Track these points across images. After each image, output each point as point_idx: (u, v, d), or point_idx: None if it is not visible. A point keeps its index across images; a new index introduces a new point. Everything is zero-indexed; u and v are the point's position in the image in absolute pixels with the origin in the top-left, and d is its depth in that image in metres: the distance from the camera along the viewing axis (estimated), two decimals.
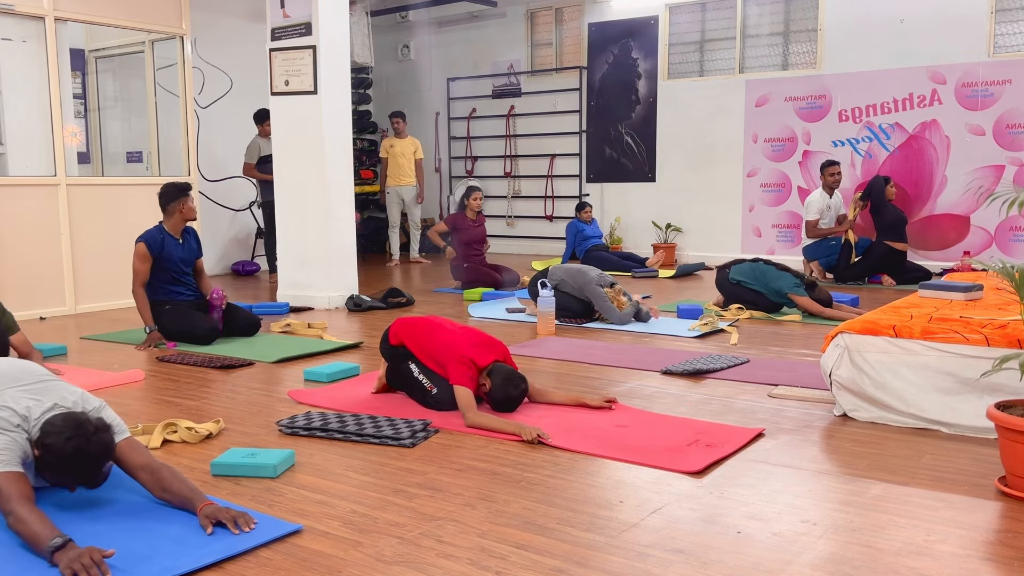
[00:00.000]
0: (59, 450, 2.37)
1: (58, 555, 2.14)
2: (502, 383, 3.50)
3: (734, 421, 3.45)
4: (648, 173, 10.07)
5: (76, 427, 2.40)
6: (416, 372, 3.69)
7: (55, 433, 2.39)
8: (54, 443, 2.38)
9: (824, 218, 7.94)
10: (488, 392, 3.52)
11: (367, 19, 10.77)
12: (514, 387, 3.51)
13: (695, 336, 5.31)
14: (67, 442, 2.37)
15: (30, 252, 6.26)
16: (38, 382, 2.63)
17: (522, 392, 3.55)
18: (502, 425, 3.30)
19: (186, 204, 5.23)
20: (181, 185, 5.29)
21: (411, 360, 3.74)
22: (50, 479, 2.51)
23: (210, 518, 2.38)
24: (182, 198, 5.22)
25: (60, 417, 2.44)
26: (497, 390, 3.50)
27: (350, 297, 6.59)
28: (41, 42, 6.37)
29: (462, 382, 3.47)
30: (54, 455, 2.38)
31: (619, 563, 2.19)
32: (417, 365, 3.71)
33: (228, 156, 9.29)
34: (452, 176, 11.56)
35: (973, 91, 8.11)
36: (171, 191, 5.24)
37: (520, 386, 3.54)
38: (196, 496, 2.47)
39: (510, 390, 3.51)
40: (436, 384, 3.62)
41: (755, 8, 9.23)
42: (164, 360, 4.75)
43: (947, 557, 2.21)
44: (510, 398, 3.52)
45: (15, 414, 2.46)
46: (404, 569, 2.17)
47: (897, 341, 3.36)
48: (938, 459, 2.96)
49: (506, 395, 3.50)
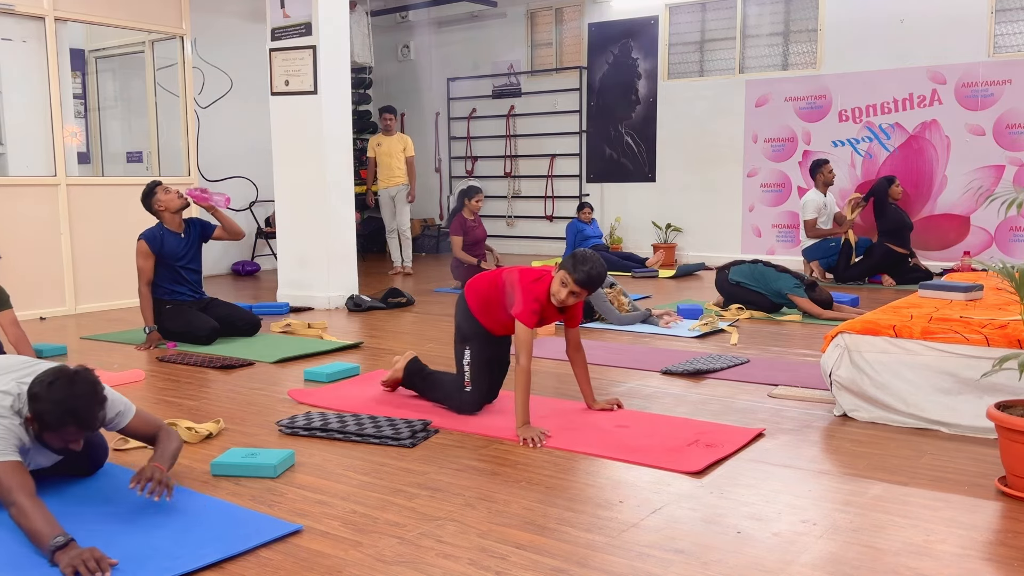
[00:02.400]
0: (45, 396, 2.34)
1: (59, 554, 2.14)
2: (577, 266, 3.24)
3: (734, 421, 3.45)
4: (648, 173, 10.07)
5: (56, 371, 2.40)
6: (467, 359, 3.55)
7: (37, 383, 2.38)
8: (39, 392, 2.35)
9: (821, 217, 7.94)
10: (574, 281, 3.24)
11: (367, 19, 10.77)
12: (593, 264, 3.24)
13: (695, 336, 5.31)
14: (50, 386, 2.35)
15: (30, 252, 6.26)
16: (26, 366, 2.62)
17: (603, 268, 3.29)
18: (520, 406, 3.23)
19: (160, 199, 5.19)
20: (147, 187, 5.26)
21: (472, 343, 3.56)
22: (53, 442, 2.45)
23: (142, 473, 2.50)
24: (152, 197, 5.20)
25: (40, 373, 2.43)
26: (580, 275, 3.23)
27: (350, 297, 6.59)
28: (41, 42, 6.38)
29: (523, 317, 3.29)
30: (43, 404, 2.35)
31: (619, 563, 2.19)
32: (474, 351, 3.55)
33: (228, 156, 9.30)
34: (452, 176, 11.56)
35: (973, 91, 8.11)
36: (142, 197, 5.25)
37: (599, 265, 3.27)
38: (157, 456, 2.62)
39: (590, 270, 3.23)
40: (473, 382, 3.54)
41: (755, 8, 9.23)
42: (164, 360, 4.75)
43: (947, 557, 2.21)
44: (592, 277, 3.25)
45: (7, 395, 2.44)
46: (404, 569, 2.17)
47: (897, 341, 3.36)
48: (938, 459, 2.96)
49: (588, 276, 3.24)
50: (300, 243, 6.80)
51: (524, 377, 3.25)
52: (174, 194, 5.24)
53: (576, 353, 3.58)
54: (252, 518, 2.49)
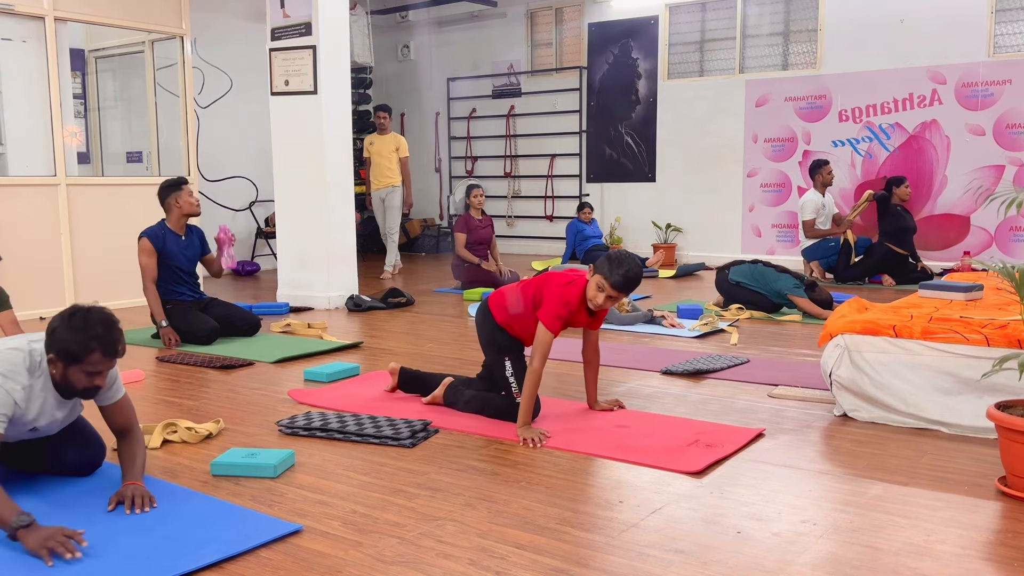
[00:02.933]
0: (66, 326, 2.40)
1: (23, 533, 2.18)
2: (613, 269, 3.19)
3: (734, 421, 3.45)
4: (648, 173, 10.07)
5: (72, 308, 2.47)
6: (508, 370, 3.43)
7: (55, 320, 2.44)
8: (59, 325, 2.42)
9: (819, 217, 7.94)
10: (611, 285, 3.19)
11: (367, 19, 10.77)
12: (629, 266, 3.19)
13: (695, 336, 5.31)
14: (70, 318, 2.42)
15: (30, 252, 6.26)
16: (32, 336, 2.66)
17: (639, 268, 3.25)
18: (524, 407, 3.24)
19: (181, 197, 5.19)
20: (175, 180, 5.28)
21: (510, 353, 3.46)
22: (78, 380, 2.47)
23: (121, 497, 2.54)
24: (175, 192, 5.20)
25: (55, 316, 2.49)
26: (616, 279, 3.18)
27: (350, 297, 6.59)
28: (41, 42, 6.37)
29: (548, 322, 3.26)
30: (65, 334, 2.40)
31: (619, 563, 2.19)
32: (513, 360, 3.45)
33: (228, 156, 9.30)
34: (452, 176, 11.56)
35: (973, 91, 8.11)
36: (166, 186, 5.25)
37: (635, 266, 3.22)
38: (130, 475, 2.63)
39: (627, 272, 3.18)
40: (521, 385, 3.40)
41: (755, 8, 9.23)
42: (164, 360, 4.75)
43: (947, 557, 2.21)
44: (628, 279, 3.20)
45: (17, 351, 2.48)
46: (404, 569, 2.17)
47: (897, 341, 3.36)
48: (938, 459, 2.96)
49: (625, 279, 3.19)
50: (300, 243, 6.79)
51: (535, 379, 3.25)
52: (196, 199, 5.28)
53: (593, 355, 3.56)
54: (252, 518, 2.49)
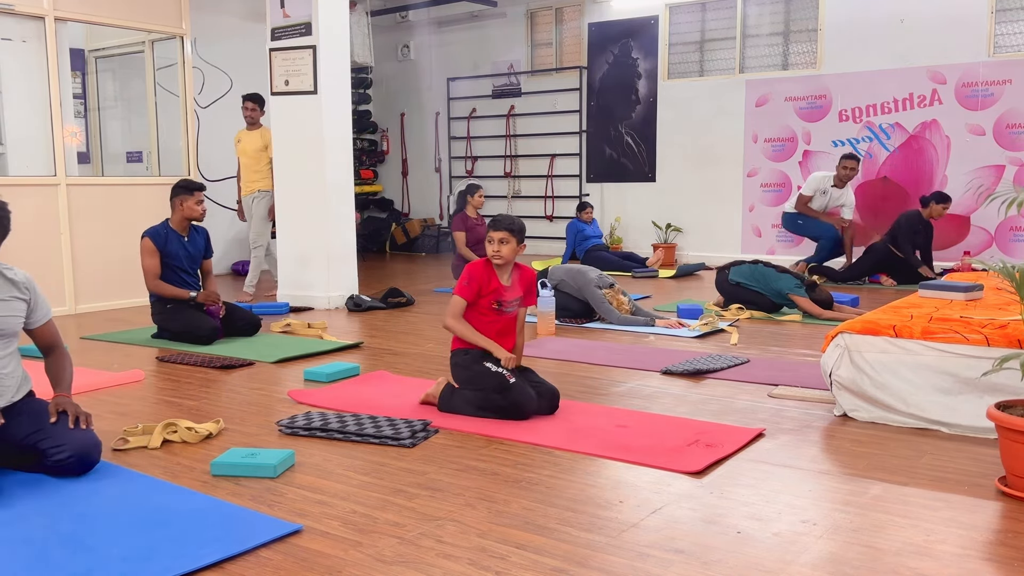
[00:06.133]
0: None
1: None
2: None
3: (734, 421, 3.45)
4: (648, 173, 10.07)
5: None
6: (493, 367, 3.51)
7: None
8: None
9: (816, 199, 8.13)
10: None
11: (367, 19, 10.77)
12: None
13: (695, 336, 5.31)
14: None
15: (30, 252, 6.26)
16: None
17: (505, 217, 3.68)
18: (478, 339, 3.55)
19: (187, 202, 5.19)
20: (188, 183, 5.27)
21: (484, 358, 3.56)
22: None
23: (57, 406, 2.83)
24: (183, 195, 5.20)
25: None
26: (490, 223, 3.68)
27: (350, 297, 6.59)
28: (41, 42, 6.37)
29: (456, 290, 3.60)
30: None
31: (619, 563, 2.19)
32: (493, 361, 3.55)
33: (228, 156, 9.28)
34: (452, 176, 11.56)
35: (973, 91, 8.11)
36: (177, 186, 5.25)
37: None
38: (59, 388, 2.93)
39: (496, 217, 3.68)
40: (514, 373, 3.51)
41: (755, 8, 9.23)
42: (164, 360, 4.75)
43: (947, 557, 2.21)
44: (495, 220, 3.64)
45: None
46: (404, 569, 2.17)
47: (897, 341, 3.36)
48: (938, 459, 2.96)
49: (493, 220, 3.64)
50: (300, 243, 6.80)
51: (458, 326, 3.57)
52: (203, 209, 5.28)
53: (517, 336, 3.74)
54: (252, 518, 2.49)
